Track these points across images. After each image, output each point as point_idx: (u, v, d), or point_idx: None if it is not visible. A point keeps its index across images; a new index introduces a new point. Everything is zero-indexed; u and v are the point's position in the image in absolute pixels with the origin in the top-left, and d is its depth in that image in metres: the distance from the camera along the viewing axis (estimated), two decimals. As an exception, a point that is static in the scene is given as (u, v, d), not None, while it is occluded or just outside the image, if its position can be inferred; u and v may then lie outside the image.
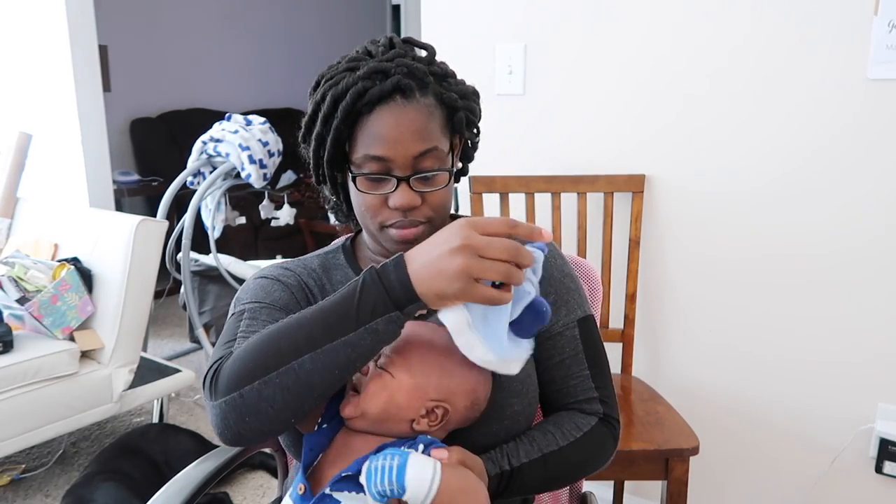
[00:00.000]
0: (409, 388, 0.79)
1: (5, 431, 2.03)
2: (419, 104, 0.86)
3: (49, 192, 3.00)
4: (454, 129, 0.92)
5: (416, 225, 0.88)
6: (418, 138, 0.85)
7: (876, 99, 1.49)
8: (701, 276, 1.75)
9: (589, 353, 0.96)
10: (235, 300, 0.94)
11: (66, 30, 2.79)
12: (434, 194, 0.88)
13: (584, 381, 0.95)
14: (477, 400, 0.83)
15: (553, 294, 0.95)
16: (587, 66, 1.79)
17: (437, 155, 0.87)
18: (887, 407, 1.58)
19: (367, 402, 0.79)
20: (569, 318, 0.96)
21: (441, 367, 0.81)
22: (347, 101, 0.84)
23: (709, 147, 1.68)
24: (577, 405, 0.95)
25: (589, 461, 0.94)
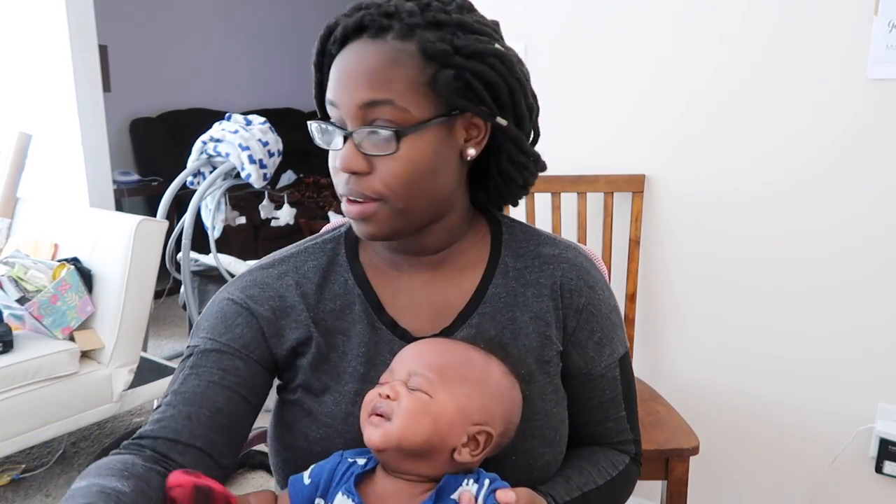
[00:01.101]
0: (453, 411, 0.70)
1: (5, 431, 2.03)
2: (386, 46, 0.70)
3: (49, 192, 3.00)
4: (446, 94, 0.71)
5: (365, 200, 0.73)
6: (366, 83, 0.69)
7: (876, 99, 1.49)
8: (701, 276, 1.75)
9: (626, 393, 0.88)
10: (198, 321, 0.83)
11: (66, 30, 2.79)
12: (384, 163, 0.71)
13: (620, 423, 0.88)
14: (511, 424, 0.75)
15: (599, 332, 0.84)
16: (587, 67, 1.79)
17: (395, 112, 0.70)
18: (887, 407, 1.58)
19: (407, 431, 0.68)
20: (612, 359, 0.85)
21: (482, 385, 0.73)
22: (321, 36, 0.75)
23: (709, 147, 1.68)
24: (612, 445, 0.89)
25: (619, 499, 0.88)
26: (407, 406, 0.69)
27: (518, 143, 0.77)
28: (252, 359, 0.79)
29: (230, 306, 0.81)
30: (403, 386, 0.71)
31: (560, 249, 0.86)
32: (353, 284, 0.83)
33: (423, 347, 0.76)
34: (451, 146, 0.75)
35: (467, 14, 0.75)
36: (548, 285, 0.83)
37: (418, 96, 0.70)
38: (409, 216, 0.75)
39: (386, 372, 0.75)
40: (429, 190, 0.74)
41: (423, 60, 0.70)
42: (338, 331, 0.82)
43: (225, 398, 0.77)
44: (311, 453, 0.79)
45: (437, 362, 0.72)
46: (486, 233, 0.87)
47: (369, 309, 0.82)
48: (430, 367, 0.72)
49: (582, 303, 0.83)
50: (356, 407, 0.77)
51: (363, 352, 0.81)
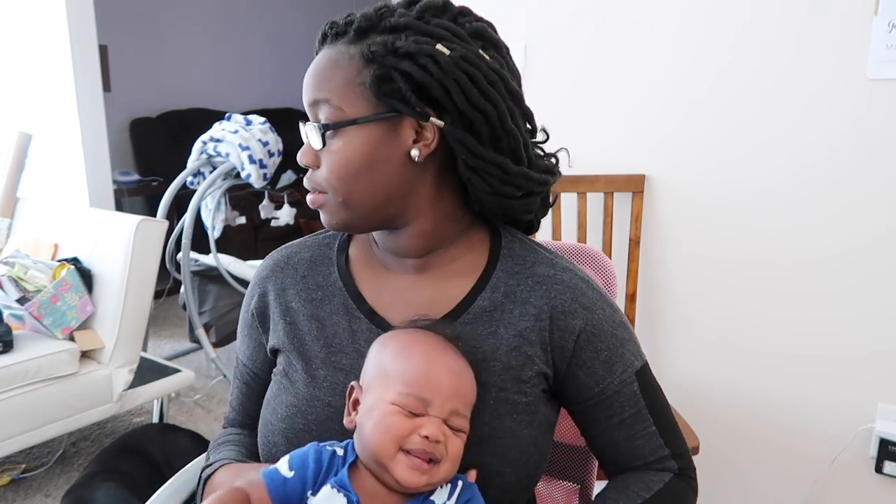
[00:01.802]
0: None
1: (5, 431, 2.03)
2: (333, 50, 0.77)
3: (49, 192, 3.00)
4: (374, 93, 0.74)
5: (314, 191, 0.80)
6: (312, 83, 0.77)
7: (876, 99, 1.49)
8: (701, 276, 1.75)
9: (652, 406, 0.84)
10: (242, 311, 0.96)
11: (66, 30, 2.79)
12: (325, 158, 0.77)
13: (652, 440, 0.83)
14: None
15: (606, 350, 0.82)
16: (587, 67, 1.79)
17: (331, 110, 0.75)
18: (887, 407, 1.58)
19: (452, 471, 0.70)
20: (626, 374, 0.83)
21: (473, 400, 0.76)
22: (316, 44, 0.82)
23: (709, 147, 1.68)
24: (649, 466, 0.84)
25: None
26: (456, 450, 0.71)
27: (467, 145, 0.76)
28: (258, 367, 0.93)
29: (244, 312, 0.94)
30: (445, 426, 0.70)
31: (556, 271, 0.84)
32: (335, 277, 0.87)
33: (459, 381, 0.73)
34: (393, 146, 0.76)
35: (432, 18, 0.76)
36: (537, 306, 0.81)
37: (354, 96, 0.74)
38: (353, 209, 0.78)
39: (413, 398, 0.71)
40: (368, 185, 0.77)
41: (362, 62, 0.74)
42: (315, 318, 0.86)
43: (252, 405, 0.93)
44: (276, 429, 0.84)
45: (470, 398, 0.74)
46: (485, 244, 0.86)
47: (348, 300, 0.85)
48: (468, 405, 0.74)
49: (579, 325, 0.81)
50: (321, 391, 0.82)
51: (337, 341, 0.84)
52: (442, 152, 0.77)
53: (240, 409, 0.97)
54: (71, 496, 1.88)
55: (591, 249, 1.14)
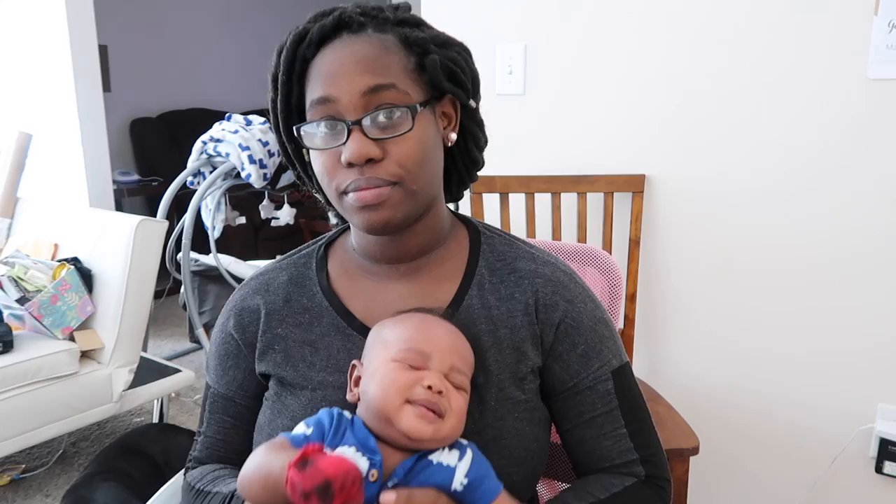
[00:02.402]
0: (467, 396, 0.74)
1: (5, 431, 2.03)
2: (370, 38, 0.73)
3: (49, 192, 3.00)
4: (432, 82, 0.75)
5: (379, 186, 0.72)
6: (365, 69, 0.71)
7: (876, 99, 1.49)
8: (701, 276, 1.75)
9: (626, 407, 0.81)
10: (207, 358, 0.91)
11: (66, 30, 2.79)
12: (397, 144, 0.71)
13: (620, 442, 0.80)
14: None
15: (583, 345, 0.81)
16: (587, 67, 1.79)
17: (398, 95, 0.72)
18: (887, 407, 1.58)
19: (456, 429, 0.71)
20: (601, 371, 0.81)
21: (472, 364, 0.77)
22: (288, 46, 0.75)
23: (709, 147, 1.68)
24: (615, 469, 0.81)
25: None
26: (459, 406, 0.71)
27: (482, 127, 0.84)
28: (249, 397, 0.87)
29: (223, 344, 0.88)
30: (447, 381, 0.71)
31: (537, 265, 0.84)
32: (320, 297, 0.84)
33: (457, 339, 0.75)
34: (437, 130, 0.78)
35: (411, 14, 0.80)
36: (522, 300, 0.81)
37: (411, 81, 0.74)
38: (419, 199, 0.76)
39: (414, 352, 0.71)
40: (433, 172, 0.78)
41: (405, 49, 0.74)
42: (306, 343, 0.83)
43: (242, 441, 0.87)
44: None
45: (470, 360, 0.74)
46: (466, 242, 0.86)
47: (338, 318, 0.82)
48: (468, 364, 0.74)
49: (558, 317, 0.81)
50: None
51: (332, 361, 0.81)
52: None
53: (223, 446, 0.88)
54: (71, 496, 1.88)
55: (597, 250, 1.14)
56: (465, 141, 0.83)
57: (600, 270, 1.12)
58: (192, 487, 0.87)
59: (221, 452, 0.89)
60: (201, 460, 0.90)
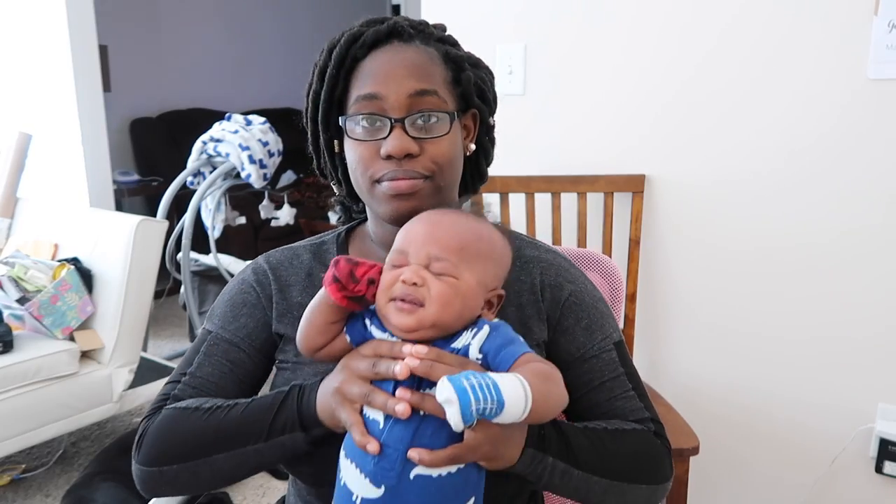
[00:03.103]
0: (476, 287, 0.74)
1: (5, 431, 2.03)
2: (419, 48, 0.83)
3: (49, 192, 3.00)
4: (464, 95, 0.86)
5: (412, 178, 0.80)
6: (413, 74, 0.80)
7: (876, 99, 1.49)
8: (701, 276, 1.75)
9: (630, 376, 0.88)
10: (217, 300, 0.93)
11: (66, 30, 2.79)
12: (434, 143, 0.81)
13: (632, 401, 0.87)
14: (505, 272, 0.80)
15: (587, 319, 0.88)
16: (587, 67, 1.79)
17: (438, 101, 0.81)
18: (887, 407, 1.58)
19: (443, 314, 0.72)
20: (605, 342, 0.88)
21: (492, 255, 0.77)
22: (341, 45, 0.82)
23: (709, 147, 1.68)
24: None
25: (641, 458, 0.82)
26: (439, 292, 0.72)
27: (493, 144, 0.94)
28: (255, 348, 0.89)
29: (240, 293, 0.91)
30: (426, 270, 0.73)
31: (540, 252, 0.92)
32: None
33: (434, 228, 0.76)
34: (462, 139, 0.87)
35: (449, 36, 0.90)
36: (528, 282, 0.88)
37: (448, 92, 0.83)
38: (444, 195, 0.84)
39: (395, 252, 0.76)
40: (457, 173, 0.86)
41: (445, 63, 0.84)
42: None
43: (234, 389, 0.87)
44: None
45: (454, 244, 0.74)
46: None
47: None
48: (449, 249, 0.74)
49: (564, 295, 0.88)
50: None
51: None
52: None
53: (214, 391, 0.86)
54: (71, 496, 1.88)
55: (597, 255, 1.15)
56: (477, 154, 0.93)
57: (601, 274, 1.13)
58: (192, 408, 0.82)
59: (212, 393, 0.86)
60: (181, 398, 0.85)
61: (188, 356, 0.89)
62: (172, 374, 0.90)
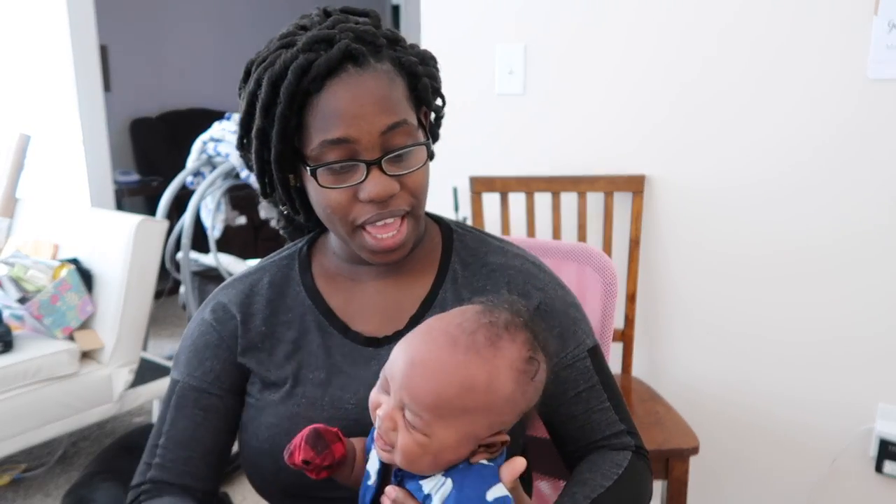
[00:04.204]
0: (455, 442, 0.65)
1: (5, 431, 2.03)
2: (377, 71, 0.73)
3: (49, 192, 3.00)
4: (419, 100, 0.79)
5: (395, 217, 0.77)
6: (382, 110, 0.72)
7: (876, 99, 1.49)
8: (701, 276, 1.75)
9: (605, 384, 0.86)
10: (179, 348, 0.88)
11: (66, 30, 2.79)
12: (412, 177, 0.76)
13: (607, 414, 0.86)
14: (532, 404, 0.71)
15: (559, 327, 0.85)
16: (587, 66, 1.79)
17: (408, 130, 0.75)
18: (887, 407, 1.58)
19: (410, 466, 0.67)
20: (578, 350, 0.85)
21: (488, 407, 0.66)
22: (290, 79, 0.72)
23: (709, 147, 1.68)
24: (606, 441, 0.86)
25: (636, 499, 0.84)
26: (403, 445, 0.65)
27: (440, 125, 0.88)
28: (225, 390, 0.85)
29: (201, 336, 0.86)
30: (400, 414, 0.66)
31: (507, 258, 0.88)
32: (304, 296, 0.86)
33: (413, 371, 0.65)
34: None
35: (385, 28, 0.80)
36: (494, 292, 0.84)
37: (410, 108, 0.77)
38: (421, 221, 0.82)
39: (382, 374, 0.69)
40: (427, 188, 0.81)
41: (400, 75, 0.76)
42: (288, 340, 0.85)
43: (212, 438, 0.85)
44: (261, 451, 0.82)
45: (429, 400, 0.64)
46: (439, 239, 0.90)
47: (320, 317, 0.85)
48: (423, 405, 0.64)
49: (534, 304, 0.84)
50: (301, 408, 0.81)
51: (312, 359, 0.84)
52: None
53: (190, 446, 0.83)
54: (71, 496, 1.88)
55: (592, 249, 1.14)
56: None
57: (596, 269, 1.12)
58: None
59: (187, 454, 0.83)
60: (159, 480, 0.83)
61: (162, 412, 0.86)
62: (151, 436, 0.86)
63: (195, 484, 0.84)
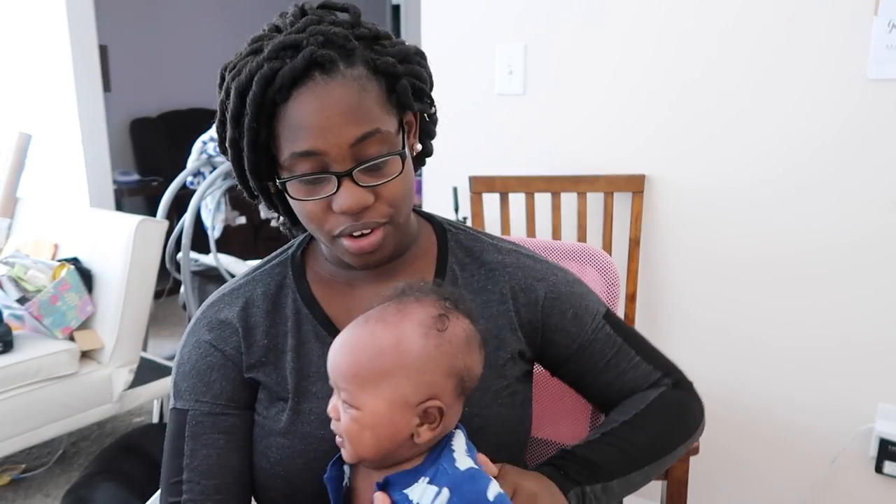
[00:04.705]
0: (388, 411, 0.66)
1: (5, 431, 2.03)
2: (345, 78, 0.69)
3: (49, 192, 3.00)
4: (401, 103, 0.74)
5: (372, 228, 0.74)
6: (350, 120, 0.69)
7: (876, 99, 1.49)
8: (701, 276, 1.75)
9: (629, 340, 0.88)
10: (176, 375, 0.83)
11: (66, 30, 2.79)
12: (388, 187, 0.72)
13: (640, 367, 0.88)
14: (464, 369, 0.70)
15: (571, 308, 0.86)
16: (587, 66, 1.79)
17: (382, 138, 0.71)
18: (887, 407, 1.58)
19: (358, 450, 0.68)
20: (596, 322, 0.87)
21: (403, 368, 0.67)
22: (254, 90, 0.68)
23: (709, 147, 1.68)
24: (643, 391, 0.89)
25: (673, 427, 0.86)
26: (345, 428, 0.68)
27: (435, 121, 0.84)
28: (241, 407, 0.82)
29: (202, 358, 0.82)
30: (339, 401, 0.68)
31: (503, 255, 0.87)
32: (300, 304, 0.83)
33: (333, 350, 0.70)
34: (406, 146, 0.77)
35: (365, 22, 0.76)
36: (496, 291, 0.84)
37: (386, 114, 0.73)
38: (405, 227, 0.80)
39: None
40: (413, 198, 0.79)
41: (375, 78, 0.72)
42: (289, 350, 0.82)
43: (239, 459, 0.81)
44: (272, 474, 0.80)
45: (348, 370, 0.67)
46: (433, 239, 0.88)
47: (318, 327, 0.82)
48: (344, 377, 0.68)
49: (540, 295, 0.85)
50: (311, 426, 0.79)
51: (313, 369, 0.81)
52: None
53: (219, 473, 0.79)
54: (71, 496, 1.88)
55: (594, 250, 1.14)
56: (421, 140, 0.84)
57: (598, 269, 1.12)
58: None
59: (217, 482, 0.79)
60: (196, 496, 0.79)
61: (173, 447, 0.81)
62: (166, 475, 0.81)
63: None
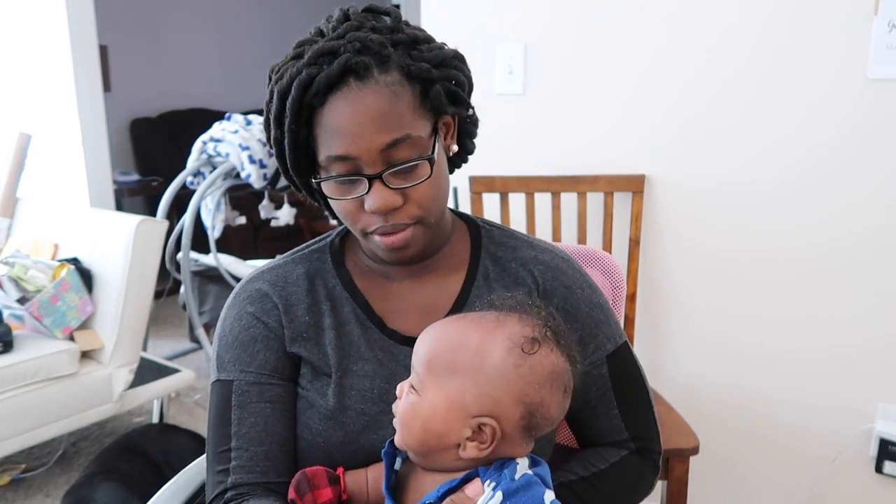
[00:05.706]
0: (444, 407, 0.67)
1: (5, 431, 2.03)
2: (378, 85, 0.72)
3: (49, 192, 3.00)
4: (435, 107, 0.77)
5: (401, 229, 0.77)
6: (381, 127, 0.72)
7: (876, 99, 1.49)
8: (701, 276, 1.75)
9: (619, 389, 0.86)
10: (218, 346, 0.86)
11: (66, 30, 2.79)
12: (417, 189, 0.76)
13: (612, 422, 0.87)
14: (539, 404, 0.69)
15: (580, 330, 0.84)
16: (587, 66, 1.79)
17: (413, 143, 0.74)
18: (887, 407, 1.58)
19: (404, 435, 0.69)
20: (597, 355, 0.85)
21: (476, 373, 0.68)
22: (293, 95, 0.73)
23: (709, 147, 1.68)
24: (608, 444, 0.89)
25: (623, 494, 0.86)
26: (401, 410, 0.70)
27: (476, 123, 0.86)
28: (285, 378, 0.84)
29: (245, 329, 0.85)
30: (408, 384, 0.71)
31: (536, 252, 0.89)
32: (340, 289, 0.87)
33: (422, 335, 0.74)
34: (442, 148, 0.81)
35: (405, 27, 0.79)
36: (526, 285, 0.86)
37: (419, 119, 0.75)
38: (437, 227, 0.82)
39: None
40: (446, 195, 0.82)
41: (409, 84, 0.74)
42: (331, 328, 0.85)
43: (284, 427, 0.83)
44: (313, 445, 0.83)
45: (425, 355, 0.71)
46: (467, 237, 0.91)
47: (358, 310, 0.86)
48: (420, 360, 0.71)
49: (557, 303, 0.85)
50: (352, 401, 0.82)
51: (354, 349, 0.84)
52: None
53: (267, 440, 0.81)
54: (71, 496, 1.88)
55: (599, 252, 1.14)
56: (461, 140, 0.86)
57: (602, 272, 1.12)
58: None
59: (265, 448, 0.81)
60: (241, 484, 0.80)
61: (220, 418, 0.83)
62: (213, 446, 0.82)
63: (278, 478, 0.81)
